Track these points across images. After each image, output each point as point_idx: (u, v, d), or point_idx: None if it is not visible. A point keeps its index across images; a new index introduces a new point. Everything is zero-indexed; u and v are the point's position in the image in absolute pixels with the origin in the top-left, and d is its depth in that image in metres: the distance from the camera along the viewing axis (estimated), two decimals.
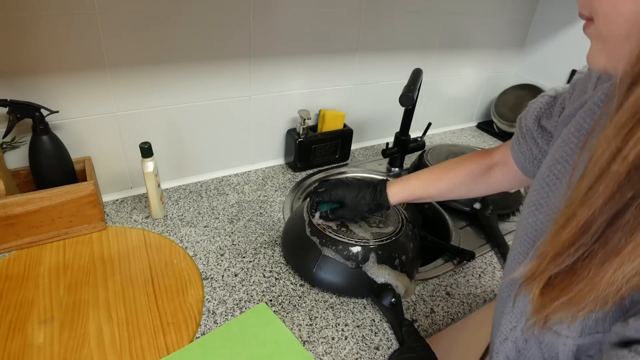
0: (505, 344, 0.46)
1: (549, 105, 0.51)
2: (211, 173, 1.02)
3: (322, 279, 0.70)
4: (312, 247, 0.70)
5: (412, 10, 1.10)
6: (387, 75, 1.18)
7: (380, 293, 0.67)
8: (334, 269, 0.69)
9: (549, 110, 0.51)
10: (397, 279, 0.68)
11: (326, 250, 0.69)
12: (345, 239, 0.69)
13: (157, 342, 0.59)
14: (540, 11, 1.38)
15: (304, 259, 0.71)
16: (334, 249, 0.69)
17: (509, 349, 0.45)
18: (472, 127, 1.55)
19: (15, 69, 0.70)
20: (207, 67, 0.87)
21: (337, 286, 0.70)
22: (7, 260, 0.71)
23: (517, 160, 0.58)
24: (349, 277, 0.68)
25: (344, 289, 0.70)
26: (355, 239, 0.69)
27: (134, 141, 0.86)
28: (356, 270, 0.68)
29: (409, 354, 0.58)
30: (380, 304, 0.67)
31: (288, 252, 0.76)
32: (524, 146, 0.56)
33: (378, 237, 0.70)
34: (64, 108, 0.77)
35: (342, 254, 0.68)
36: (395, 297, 0.66)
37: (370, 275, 0.68)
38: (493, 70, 1.45)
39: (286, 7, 0.90)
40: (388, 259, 0.69)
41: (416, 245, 0.76)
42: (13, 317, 0.61)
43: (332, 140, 1.08)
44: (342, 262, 0.68)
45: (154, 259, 0.74)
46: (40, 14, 0.67)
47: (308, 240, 0.71)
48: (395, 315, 0.66)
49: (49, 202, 0.71)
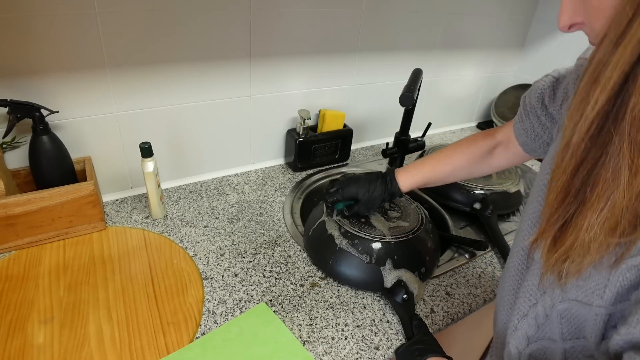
0: (524, 320, 0.47)
1: (552, 86, 0.53)
2: (211, 173, 1.02)
3: (338, 272, 0.72)
4: (330, 241, 0.73)
5: (412, 10, 1.10)
6: (387, 75, 1.18)
7: (393, 289, 0.68)
8: (350, 263, 0.71)
9: (552, 92, 0.53)
10: (410, 278, 0.70)
11: (344, 244, 0.71)
12: (362, 233, 0.72)
13: (157, 342, 0.59)
14: (540, 11, 1.38)
15: (322, 252, 0.74)
16: (350, 243, 0.71)
17: (528, 325, 0.46)
18: (472, 127, 1.55)
19: (15, 69, 0.70)
20: (207, 67, 0.87)
21: (352, 280, 0.72)
22: (7, 260, 0.71)
23: (519, 138, 0.61)
24: (364, 272, 0.70)
25: (358, 283, 0.72)
26: (373, 235, 0.72)
27: (134, 141, 0.86)
28: (371, 265, 0.69)
29: (418, 346, 0.59)
30: (393, 299, 0.68)
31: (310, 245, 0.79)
32: (527, 123, 0.58)
33: (395, 235, 0.72)
34: (64, 108, 0.77)
35: (357, 249, 0.70)
36: (408, 294, 0.67)
37: (384, 273, 0.69)
38: (493, 70, 1.45)
39: (286, 7, 0.90)
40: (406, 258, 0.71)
41: (435, 243, 0.78)
42: (13, 317, 0.61)
43: (332, 140, 1.08)
44: (357, 257, 0.70)
45: (154, 259, 0.74)
46: (40, 14, 0.67)
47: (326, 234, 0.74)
48: (407, 311, 0.66)
49: (49, 202, 0.71)
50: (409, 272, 0.70)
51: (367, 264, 0.69)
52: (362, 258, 0.70)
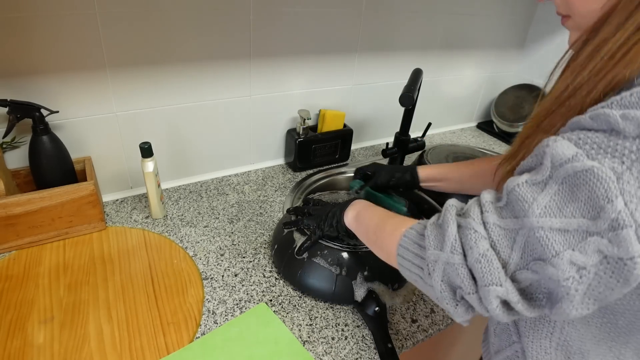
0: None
1: None
2: (211, 173, 1.02)
3: (306, 284, 0.68)
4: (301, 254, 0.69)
5: (412, 10, 1.10)
6: (387, 75, 1.18)
7: (364, 301, 0.65)
8: (319, 275, 0.67)
9: None
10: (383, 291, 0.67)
11: (312, 255, 0.68)
12: (331, 244, 0.68)
13: (157, 342, 0.59)
14: (540, 11, 1.38)
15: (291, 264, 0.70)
16: (319, 254, 0.68)
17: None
18: (472, 127, 1.55)
19: (15, 69, 0.70)
20: (207, 67, 0.87)
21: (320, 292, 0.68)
22: (7, 260, 0.71)
23: None
24: (333, 284, 0.67)
25: (328, 296, 0.68)
26: (342, 245, 0.68)
27: (134, 141, 0.86)
28: (340, 277, 0.66)
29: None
30: (364, 312, 0.65)
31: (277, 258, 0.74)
32: None
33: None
34: (64, 108, 0.77)
35: (327, 260, 0.67)
36: (379, 306, 0.64)
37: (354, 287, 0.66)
38: (493, 70, 1.45)
39: (286, 7, 0.90)
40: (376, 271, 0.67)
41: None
42: (13, 317, 0.61)
43: (332, 140, 1.08)
44: (327, 268, 0.67)
45: (154, 259, 0.74)
46: (40, 14, 0.67)
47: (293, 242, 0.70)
48: (378, 326, 0.63)
49: (49, 202, 0.71)
50: (382, 284, 0.67)
51: (337, 276, 0.66)
52: (331, 270, 0.67)
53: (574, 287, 0.31)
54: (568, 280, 0.31)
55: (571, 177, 0.32)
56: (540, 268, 0.32)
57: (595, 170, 0.30)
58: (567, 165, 0.32)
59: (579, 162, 0.31)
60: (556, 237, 0.32)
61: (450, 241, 0.37)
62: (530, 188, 0.34)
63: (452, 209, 0.41)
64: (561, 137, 0.34)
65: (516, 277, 0.34)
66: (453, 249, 0.37)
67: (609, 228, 0.29)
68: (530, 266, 0.33)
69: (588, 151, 0.31)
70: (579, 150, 0.32)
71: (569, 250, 0.31)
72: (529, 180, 0.34)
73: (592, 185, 0.30)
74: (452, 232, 0.38)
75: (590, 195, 0.30)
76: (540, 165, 0.34)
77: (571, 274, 0.31)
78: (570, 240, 0.31)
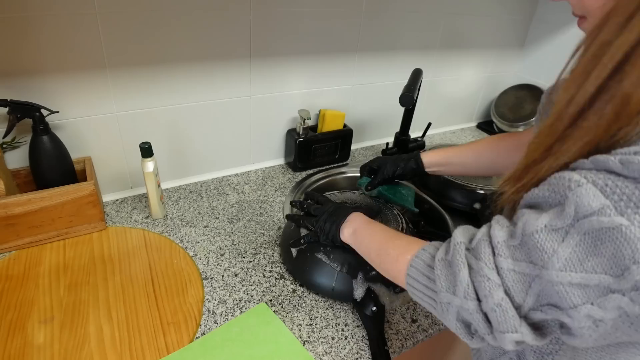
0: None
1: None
2: (211, 173, 1.02)
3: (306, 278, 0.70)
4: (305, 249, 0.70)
5: (412, 10, 1.10)
6: (387, 75, 1.18)
7: (363, 300, 0.65)
8: (320, 270, 0.67)
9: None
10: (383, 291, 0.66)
11: (315, 251, 0.68)
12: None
13: (157, 342, 0.59)
14: (540, 11, 1.38)
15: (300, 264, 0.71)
16: (322, 249, 0.68)
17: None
18: (472, 127, 1.55)
19: (15, 69, 0.70)
20: (207, 67, 0.87)
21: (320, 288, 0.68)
22: (7, 260, 0.71)
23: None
24: (333, 280, 0.67)
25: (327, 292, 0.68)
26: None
27: (134, 141, 0.86)
28: (341, 274, 0.66)
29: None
30: (362, 311, 0.65)
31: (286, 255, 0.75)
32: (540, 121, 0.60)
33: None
34: (64, 108, 0.77)
35: (329, 256, 0.67)
36: (377, 306, 0.64)
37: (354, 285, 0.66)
38: (493, 70, 1.45)
39: (286, 7, 0.90)
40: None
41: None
42: (13, 317, 0.61)
43: (332, 140, 1.08)
44: (328, 264, 0.67)
45: (154, 259, 0.74)
46: (40, 14, 0.67)
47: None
48: (374, 326, 0.63)
49: (49, 202, 0.71)
50: (383, 286, 0.66)
51: (338, 272, 0.66)
52: (332, 266, 0.67)
53: (589, 333, 0.31)
54: (583, 329, 0.31)
55: (596, 232, 0.30)
56: (556, 314, 0.32)
57: (623, 230, 0.28)
58: (592, 217, 0.30)
59: (606, 218, 0.29)
60: (575, 292, 0.31)
61: (463, 287, 0.37)
62: (550, 236, 0.32)
63: (461, 247, 0.39)
64: (585, 180, 0.31)
65: (529, 316, 0.34)
66: (466, 294, 0.36)
67: (633, 287, 0.29)
68: (544, 309, 0.33)
69: (617, 202, 0.29)
70: (606, 201, 0.30)
71: (588, 304, 0.30)
72: (548, 225, 0.33)
73: (619, 243, 0.29)
74: (464, 277, 0.37)
75: (616, 253, 0.29)
76: (561, 210, 0.32)
77: (587, 324, 0.30)
78: (590, 295, 0.30)
